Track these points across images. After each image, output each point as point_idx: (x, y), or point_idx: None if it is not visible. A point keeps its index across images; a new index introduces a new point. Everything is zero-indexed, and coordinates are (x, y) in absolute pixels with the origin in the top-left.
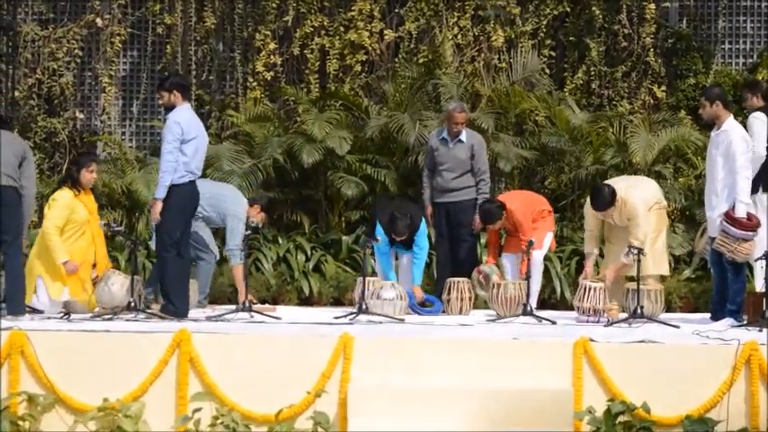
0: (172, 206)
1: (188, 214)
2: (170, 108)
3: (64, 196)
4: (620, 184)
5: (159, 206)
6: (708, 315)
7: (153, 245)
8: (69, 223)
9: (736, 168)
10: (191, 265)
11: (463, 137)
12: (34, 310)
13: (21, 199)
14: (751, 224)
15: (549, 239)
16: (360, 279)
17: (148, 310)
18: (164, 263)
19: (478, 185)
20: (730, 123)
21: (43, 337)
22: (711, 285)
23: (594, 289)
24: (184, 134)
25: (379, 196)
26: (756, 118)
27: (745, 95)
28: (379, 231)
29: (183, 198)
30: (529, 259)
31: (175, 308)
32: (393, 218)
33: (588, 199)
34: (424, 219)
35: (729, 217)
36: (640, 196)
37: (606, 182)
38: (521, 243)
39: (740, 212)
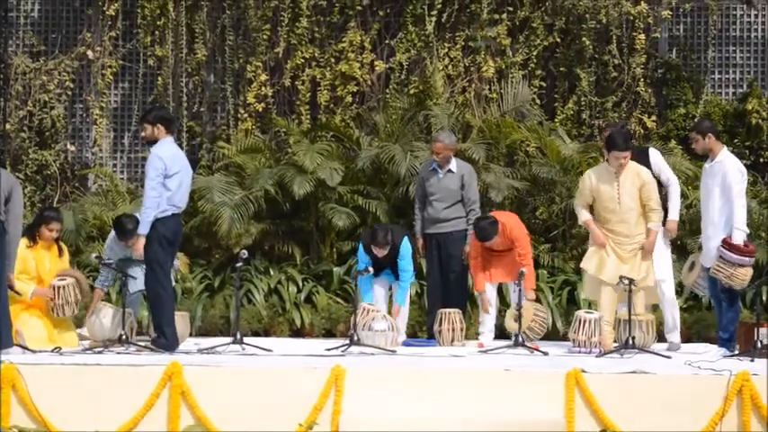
0: (160, 239)
1: (174, 246)
2: (152, 141)
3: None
4: None
5: (142, 242)
6: (699, 345)
7: (100, 281)
8: (21, 273)
9: (732, 197)
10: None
11: (453, 167)
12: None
13: (6, 235)
14: (748, 250)
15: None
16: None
17: (140, 343)
18: (157, 296)
19: (468, 216)
20: (724, 154)
21: (34, 371)
22: (703, 315)
23: (589, 321)
24: (167, 169)
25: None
26: (656, 153)
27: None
28: (362, 256)
29: (169, 230)
30: (520, 289)
31: (167, 341)
32: (373, 231)
33: (586, 174)
34: (411, 244)
35: (727, 243)
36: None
37: None
38: (508, 269)
39: (738, 239)
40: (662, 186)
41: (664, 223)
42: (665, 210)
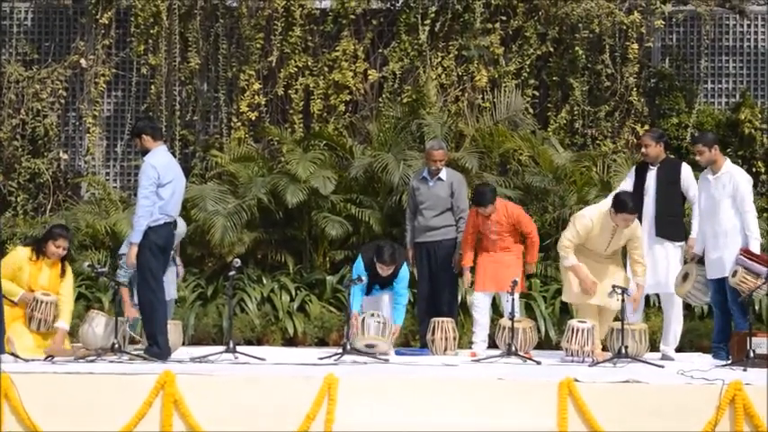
0: (151, 247)
1: (166, 254)
2: (146, 151)
3: (18, 253)
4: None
5: (135, 251)
6: (692, 354)
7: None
8: (14, 280)
9: (745, 208)
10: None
11: (443, 175)
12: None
13: None
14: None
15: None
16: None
17: (132, 352)
18: (150, 305)
19: (458, 224)
20: (730, 165)
21: (27, 380)
22: (695, 325)
23: (582, 330)
24: (161, 178)
25: (364, 238)
26: (687, 168)
27: (647, 143)
28: (360, 269)
29: (161, 238)
30: (513, 299)
31: (160, 349)
32: (379, 247)
33: (581, 216)
34: (405, 263)
35: (749, 253)
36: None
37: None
38: (501, 277)
39: (756, 249)
40: (686, 201)
41: (686, 239)
42: (688, 226)
